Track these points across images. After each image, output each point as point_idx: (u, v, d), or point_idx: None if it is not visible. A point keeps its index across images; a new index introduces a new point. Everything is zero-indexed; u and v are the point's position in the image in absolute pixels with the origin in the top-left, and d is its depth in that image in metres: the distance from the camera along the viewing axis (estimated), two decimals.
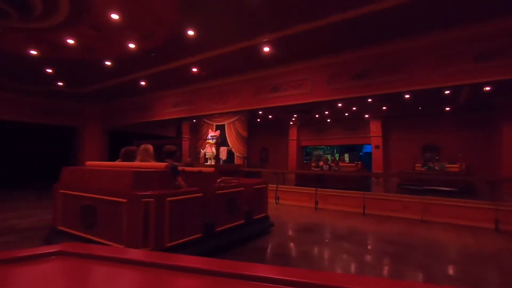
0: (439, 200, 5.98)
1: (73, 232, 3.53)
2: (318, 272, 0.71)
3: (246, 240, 4.21)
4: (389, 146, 15.03)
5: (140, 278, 0.74)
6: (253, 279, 0.67)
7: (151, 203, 2.88)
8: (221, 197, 3.93)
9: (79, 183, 3.63)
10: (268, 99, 7.83)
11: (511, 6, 4.89)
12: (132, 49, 6.65)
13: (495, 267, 3.47)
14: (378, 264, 3.61)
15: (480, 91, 9.21)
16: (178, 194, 3.21)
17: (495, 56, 5.32)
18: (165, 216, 2.99)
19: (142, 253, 0.88)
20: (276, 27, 5.71)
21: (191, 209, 3.36)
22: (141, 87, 9.68)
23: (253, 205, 4.63)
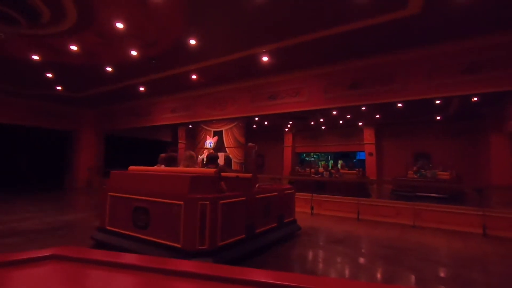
0: (430, 206, 6.21)
1: (123, 232, 3.76)
2: (310, 277, 0.73)
3: (278, 242, 4.45)
4: (382, 153, 15.36)
5: (133, 282, 0.74)
6: (248, 284, 0.68)
7: (207, 205, 3.14)
8: (260, 201, 4.20)
9: (129, 186, 3.89)
10: (266, 107, 8.04)
11: (496, 23, 5.21)
12: (134, 56, 6.80)
13: (483, 271, 3.67)
14: (371, 267, 3.78)
15: (469, 101, 9.58)
16: (227, 197, 3.47)
17: (482, 69, 5.62)
18: (218, 217, 3.25)
19: (135, 257, 0.89)
20: (275, 38, 5.93)
21: (237, 212, 3.63)
22: (139, 92, 9.80)
23: (283, 209, 4.89)
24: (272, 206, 4.49)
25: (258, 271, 0.79)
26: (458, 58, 5.84)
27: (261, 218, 4.18)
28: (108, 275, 0.77)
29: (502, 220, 5.45)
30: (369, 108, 10.96)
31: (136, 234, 3.61)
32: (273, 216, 4.53)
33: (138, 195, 3.66)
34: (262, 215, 4.23)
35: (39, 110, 11.51)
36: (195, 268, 0.77)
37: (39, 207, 7.18)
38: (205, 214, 3.11)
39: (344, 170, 11.35)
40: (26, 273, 0.74)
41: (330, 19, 5.19)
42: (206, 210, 3.12)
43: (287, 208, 5.06)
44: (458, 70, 5.83)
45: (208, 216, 3.12)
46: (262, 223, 4.18)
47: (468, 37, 5.66)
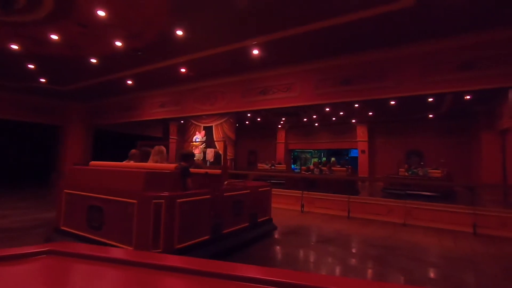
0: (421, 205, 6.12)
1: (77, 232, 3.47)
2: (302, 273, 0.71)
3: (250, 242, 4.22)
4: (375, 151, 15.33)
5: (128, 278, 0.74)
6: (237, 279, 0.67)
7: (161, 204, 2.87)
8: (229, 199, 3.95)
9: (85, 183, 3.57)
10: (257, 102, 7.85)
11: (489, 20, 5.11)
12: (119, 47, 6.53)
13: (473, 271, 3.57)
14: (361, 267, 3.66)
15: (461, 100, 9.56)
16: (188, 195, 3.21)
17: (477, 66, 5.52)
18: (176, 217, 2.98)
19: (131, 252, 0.89)
20: (266, 30, 5.74)
21: (200, 211, 3.38)
22: (127, 86, 9.52)
23: (257, 208, 4.65)
24: (243, 204, 4.22)
25: (249, 266, 0.79)
26: (451, 55, 5.73)
27: (230, 217, 3.92)
28: (103, 270, 0.76)
29: (492, 219, 5.39)
30: (362, 105, 10.88)
31: (90, 235, 3.31)
32: (245, 215, 4.26)
33: (93, 193, 3.35)
34: (232, 214, 3.96)
35: (24, 104, 11.13)
36: (187, 263, 0.76)
37: (21, 204, 6.90)
38: (159, 214, 2.84)
39: (336, 167, 11.30)
40: (22, 269, 0.73)
41: (321, 11, 5.02)
42: (160, 210, 2.84)
43: (262, 207, 4.79)
44: (451, 67, 5.72)
45: (162, 217, 2.84)
46: (231, 223, 3.92)
47: (462, 34, 5.54)
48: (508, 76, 5.31)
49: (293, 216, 6.55)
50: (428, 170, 10.48)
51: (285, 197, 7.66)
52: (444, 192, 8.87)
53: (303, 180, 8.24)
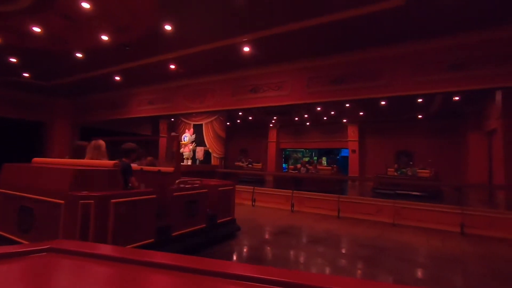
0: (410, 204, 6.14)
1: (8, 235, 3.13)
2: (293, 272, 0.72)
3: (208, 244, 4.02)
4: (365, 150, 15.43)
5: (129, 276, 0.73)
6: (227, 277, 0.67)
7: (90, 205, 2.58)
8: (180, 199, 3.69)
9: (19, 182, 3.25)
10: (247, 100, 7.74)
11: (479, 21, 5.14)
12: (105, 42, 6.32)
13: (462, 271, 3.57)
14: (351, 268, 3.61)
15: (450, 100, 9.67)
16: (126, 195, 2.93)
17: (466, 67, 5.55)
18: (109, 220, 2.70)
19: (133, 251, 0.88)
20: (257, 27, 5.64)
21: (143, 212, 3.09)
22: (115, 82, 9.28)
23: (218, 208, 4.42)
24: (199, 204, 3.99)
25: (239, 264, 0.81)
26: (442, 55, 5.74)
27: (182, 218, 3.68)
28: (105, 269, 0.77)
29: (480, 219, 5.44)
30: (353, 105, 10.90)
31: (18, 238, 3.00)
32: (201, 216, 4.04)
33: (25, 192, 3.02)
34: (185, 215, 3.73)
35: (6, 99, 10.73)
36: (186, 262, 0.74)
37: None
38: (88, 216, 2.55)
39: (322, 166, 11.42)
40: (21, 266, 0.74)
41: (313, 8, 4.95)
42: (89, 211, 2.56)
43: (223, 207, 4.57)
44: (441, 67, 5.74)
45: (92, 219, 2.56)
46: (183, 225, 3.69)
47: (451, 34, 5.56)
48: (495, 77, 5.36)
49: (283, 216, 6.49)
50: (416, 170, 10.59)
51: (275, 196, 7.60)
52: (432, 192, 8.97)
53: (291, 179, 8.21)
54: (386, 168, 12.33)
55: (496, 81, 5.42)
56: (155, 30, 5.74)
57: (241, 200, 7.87)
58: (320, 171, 9.95)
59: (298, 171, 9.63)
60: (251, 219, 6.06)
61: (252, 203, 7.51)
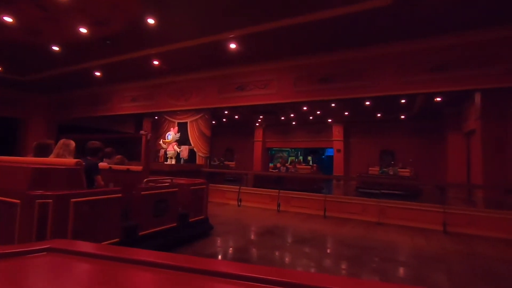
0: (394, 204, 6.22)
1: None
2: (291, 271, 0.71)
3: (179, 244, 3.99)
4: (350, 150, 15.63)
5: (128, 276, 0.74)
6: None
7: (48, 205, 2.46)
8: (148, 198, 3.64)
9: None
10: (233, 98, 7.62)
11: (461, 23, 5.24)
12: (84, 35, 6.02)
13: (447, 269, 3.60)
14: (337, 268, 3.57)
15: (432, 101, 9.91)
16: (88, 194, 2.84)
17: (449, 68, 5.66)
18: (69, 220, 2.60)
19: (132, 251, 0.88)
20: (244, 23, 5.53)
21: (107, 212, 3.02)
22: (95, 78, 8.90)
23: (189, 207, 4.41)
24: (169, 204, 3.95)
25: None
26: (426, 56, 5.84)
27: (151, 218, 3.65)
28: (105, 269, 0.76)
29: (461, 217, 5.56)
30: (338, 104, 10.98)
31: None
32: (172, 215, 4.01)
33: None
34: (153, 214, 3.69)
35: None
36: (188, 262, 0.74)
37: None
38: (46, 216, 2.44)
39: (301, 165, 11.56)
40: (21, 265, 0.74)
41: (300, 5, 4.89)
42: (47, 211, 2.45)
43: (195, 206, 4.56)
44: (426, 68, 5.83)
45: (50, 219, 2.45)
46: (152, 224, 3.65)
47: (434, 36, 5.66)
48: (475, 79, 5.50)
49: (269, 216, 6.41)
50: (397, 169, 10.83)
51: (261, 196, 7.52)
52: (412, 190, 9.17)
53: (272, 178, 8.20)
54: (368, 167, 12.55)
55: (476, 82, 5.56)
56: (137, 24, 5.52)
57: (226, 200, 7.75)
58: (299, 170, 10.05)
59: (278, 170, 9.68)
60: (237, 219, 5.96)
61: (238, 203, 7.40)
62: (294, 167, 10.02)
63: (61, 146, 3.15)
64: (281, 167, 9.77)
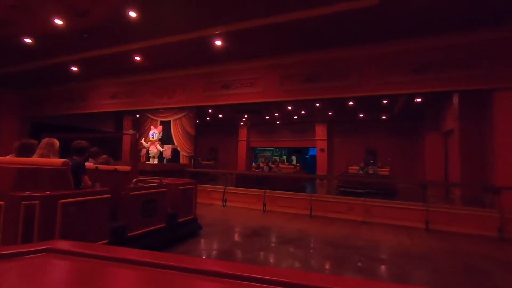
0: (379, 202, 6.30)
1: None
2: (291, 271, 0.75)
3: (168, 244, 3.95)
4: (333, 149, 15.84)
5: (129, 276, 0.73)
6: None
7: (35, 206, 2.37)
8: (137, 198, 3.58)
9: None
10: (219, 96, 7.47)
11: (444, 26, 5.37)
12: (60, 27, 5.68)
13: (431, 266, 3.65)
14: (325, 269, 3.53)
15: (411, 102, 10.18)
16: (76, 195, 2.74)
17: (430, 69, 5.80)
18: (56, 221, 2.51)
19: (134, 251, 0.87)
20: (230, 19, 5.40)
21: (95, 213, 2.94)
22: (72, 73, 8.47)
23: (178, 207, 4.35)
24: (158, 204, 3.91)
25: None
26: (409, 57, 5.95)
27: (140, 218, 3.60)
28: (103, 269, 0.75)
29: (441, 215, 5.70)
30: (322, 104, 11.07)
31: None
32: (161, 216, 3.96)
33: None
34: (142, 215, 3.65)
35: None
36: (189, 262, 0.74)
37: None
38: (32, 218, 2.36)
39: (284, 165, 11.61)
40: (20, 266, 0.73)
41: (286, 3, 4.83)
42: (34, 213, 2.37)
43: (184, 206, 4.52)
44: (409, 69, 5.94)
45: (36, 221, 2.38)
46: (141, 225, 3.61)
47: (419, 37, 5.78)
48: (455, 80, 5.67)
49: (255, 216, 6.32)
50: (377, 168, 11.08)
51: (246, 196, 7.41)
52: (389, 189, 9.41)
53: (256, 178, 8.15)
54: (347, 166, 12.77)
55: (456, 84, 5.73)
56: (118, 17, 5.27)
57: (211, 200, 7.59)
58: (282, 169, 10.09)
59: (262, 169, 9.66)
60: (222, 219, 5.83)
61: (223, 203, 7.26)
62: (277, 166, 10.01)
63: (44, 145, 3.00)
64: (264, 167, 9.74)
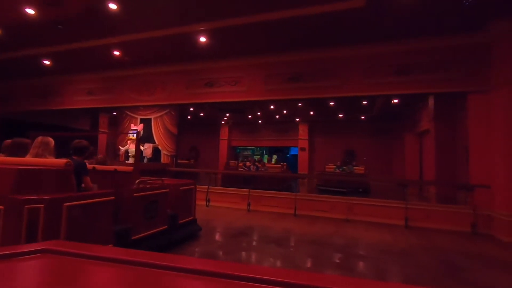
0: (361, 201, 6.45)
1: None
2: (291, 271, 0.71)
3: (170, 246, 3.83)
4: (314, 148, 16.08)
5: (125, 276, 0.73)
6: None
7: (39, 210, 2.22)
8: (140, 200, 3.44)
9: None
10: (202, 94, 7.32)
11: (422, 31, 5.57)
12: (32, 16, 5.30)
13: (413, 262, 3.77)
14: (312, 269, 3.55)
15: (389, 103, 10.52)
16: (82, 197, 2.58)
17: (410, 72, 6.00)
18: (61, 226, 2.37)
19: (129, 251, 0.88)
20: (215, 15, 5.29)
21: (99, 216, 2.79)
22: (44, 67, 7.97)
23: (179, 208, 4.24)
24: (160, 205, 3.80)
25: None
26: (390, 60, 6.13)
27: (142, 221, 3.49)
28: (100, 269, 0.75)
29: (419, 212, 5.93)
30: (304, 104, 11.18)
31: None
32: (163, 217, 3.86)
33: None
34: (145, 217, 3.53)
35: None
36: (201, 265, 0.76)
37: None
38: (36, 223, 2.24)
39: (270, 164, 11.64)
40: (17, 267, 0.73)
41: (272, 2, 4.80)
42: (38, 217, 2.24)
43: (184, 207, 4.44)
44: (390, 71, 6.12)
45: (41, 226, 2.25)
46: (144, 227, 3.50)
47: (399, 40, 5.96)
48: (433, 83, 5.90)
49: (239, 216, 6.26)
50: (353, 167, 11.41)
51: (230, 196, 7.33)
52: (365, 187, 9.71)
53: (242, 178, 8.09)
54: (325, 165, 13.02)
55: (433, 86, 5.97)
56: (97, 8, 5.00)
57: None
58: (269, 169, 10.10)
59: (248, 168, 9.61)
60: (206, 220, 5.71)
61: (206, 203, 7.13)
62: (263, 166, 10.01)
63: (39, 144, 2.82)
64: (251, 166, 9.70)
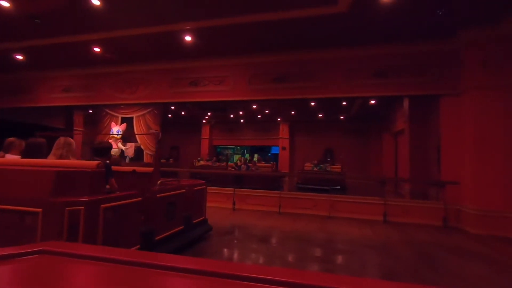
0: (342, 198, 6.70)
1: None
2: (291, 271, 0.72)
3: (186, 246, 3.86)
4: (295, 147, 16.37)
5: (123, 277, 0.73)
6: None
7: (80, 212, 2.22)
8: (162, 201, 3.48)
9: None
10: (186, 93, 7.26)
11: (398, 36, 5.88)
12: (6, 9, 5.03)
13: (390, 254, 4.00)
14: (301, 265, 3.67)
15: (367, 104, 10.96)
16: (114, 199, 2.57)
17: (387, 75, 6.30)
18: (99, 227, 2.37)
19: (127, 252, 0.86)
20: (201, 15, 5.28)
21: (129, 217, 2.80)
22: (16, 62, 7.55)
23: (192, 209, 4.28)
24: (177, 206, 3.84)
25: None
26: (370, 63, 6.39)
27: (163, 221, 3.51)
28: (98, 270, 0.76)
29: (396, 208, 6.25)
30: (286, 104, 11.37)
31: None
32: (179, 218, 3.88)
33: None
34: (165, 217, 3.56)
35: None
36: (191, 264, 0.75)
37: None
38: (77, 225, 2.22)
39: (261, 163, 11.72)
40: (14, 268, 0.73)
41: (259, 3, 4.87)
42: (79, 220, 2.22)
43: (197, 207, 4.49)
44: (369, 73, 6.39)
45: (82, 228, 2.23)
46: (165, 228, 3.52)
47: (378, 44, 6.23)
48: (409, 86, 6.24)
49: (225, 215, 6.29)
50: (330, 165, 11.80)
51: (215, 195, 7.33)
52: (342, 185, 10.06)
53: (234, 177, 8.10)
54: (304, 164, 13.33)
55: (409, 89, 6.31)
56: (77, 2, 4.83)
57: None
58: (260, 168, 10.21)
59: (239, 168, 9.64)
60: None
61: None
62: (254, 165, 10.10)
63: (62, 145, 2.79)
64: (242, 165, 9.77)
